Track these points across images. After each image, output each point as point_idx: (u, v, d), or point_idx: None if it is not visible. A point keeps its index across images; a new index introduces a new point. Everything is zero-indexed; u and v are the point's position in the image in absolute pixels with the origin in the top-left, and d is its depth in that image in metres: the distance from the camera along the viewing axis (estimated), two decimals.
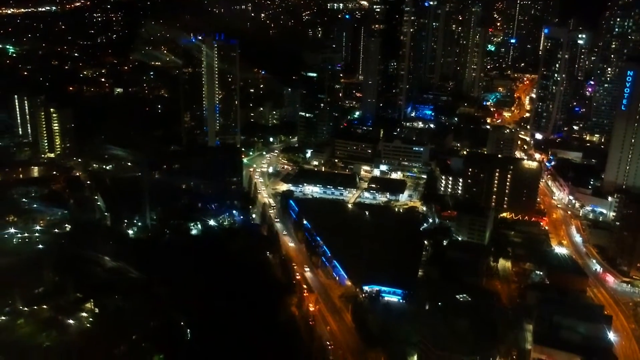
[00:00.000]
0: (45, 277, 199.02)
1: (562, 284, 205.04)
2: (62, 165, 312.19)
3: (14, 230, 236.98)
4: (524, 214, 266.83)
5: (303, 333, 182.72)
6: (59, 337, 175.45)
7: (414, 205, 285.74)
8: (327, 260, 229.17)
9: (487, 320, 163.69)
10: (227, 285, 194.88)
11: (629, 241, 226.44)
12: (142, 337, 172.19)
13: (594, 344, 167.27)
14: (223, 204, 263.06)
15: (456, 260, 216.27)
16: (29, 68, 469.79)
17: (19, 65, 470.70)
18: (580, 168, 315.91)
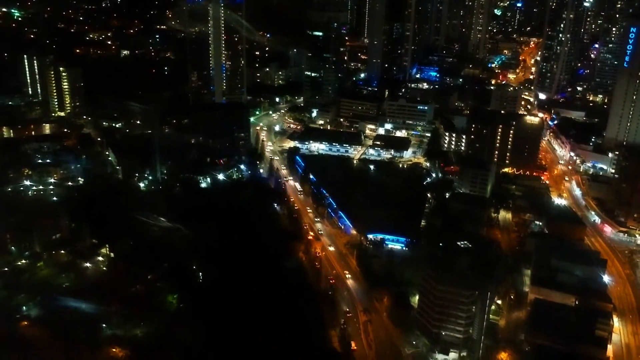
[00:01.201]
0: (61, 225, 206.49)
1: (561, 232, 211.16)
2: (72, 123, 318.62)
3: (29, 183, 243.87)
4: (526, 169, 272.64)
5: (310, 275, 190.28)
6: (77, 278, 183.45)
7: (418, 161, 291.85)
8: (333, 211, 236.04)
9: (486, 261, 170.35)
10: (237, 232, 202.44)
11: (626, 193, 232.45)
12: (156, 277, 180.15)
13: (588, 286, 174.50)
14: (231, 159, 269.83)
15: (458, 211, 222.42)
16: (35, 31, 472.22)
17: (25, 29, 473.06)
18: (582, 126, 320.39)
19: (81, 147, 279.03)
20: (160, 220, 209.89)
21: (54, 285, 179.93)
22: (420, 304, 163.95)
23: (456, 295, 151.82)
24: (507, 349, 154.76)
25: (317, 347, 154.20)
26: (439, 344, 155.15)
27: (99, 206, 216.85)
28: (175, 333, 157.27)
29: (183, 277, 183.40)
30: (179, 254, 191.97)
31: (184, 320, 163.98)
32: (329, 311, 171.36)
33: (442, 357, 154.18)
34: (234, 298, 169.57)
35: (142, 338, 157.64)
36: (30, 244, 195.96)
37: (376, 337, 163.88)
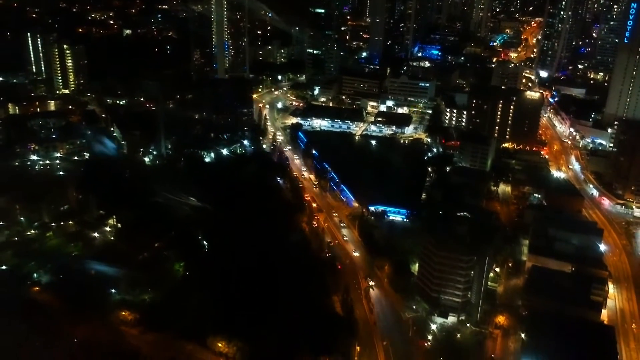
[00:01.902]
0: (69, 197, 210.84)
1: (559, 204, 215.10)
2: (77, 100, 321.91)
3: (36, 158, 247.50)
4: (526, 144, 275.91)
5: (313, 245, 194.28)
6: (85, 247, 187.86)
7: (419, 137, 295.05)
8: (335, 185, 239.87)
9: (484, 228, 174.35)
10: (241, 204, 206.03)
11: (624, 166, 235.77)
12: (163, 246, 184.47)
13: (585, 254, 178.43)
14: (235, 134, 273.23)
15: (458, 184, 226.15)
16: (37, 11, 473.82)
17: (26, 8, 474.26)
18: (582, 103, 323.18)
19: (86, 123, 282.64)
20: (166, 192, 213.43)
21: (63, 253, 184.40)
22: (420, 270, 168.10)
23: (455, 260, 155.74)
24: (505, 312, 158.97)
25: (320, 312, 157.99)
26: (438, 308, 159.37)
27: (105, 179, 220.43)
28: (182, 299, 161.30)
29: (189, 246, 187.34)
30: (184, 224, 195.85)
31: (191, 287, 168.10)
32: (331, 279, 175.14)
33: (441, 321, 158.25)
34: (239, 267, 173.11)
35: (150, 303, 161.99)
36: (39, 215, 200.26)
37: (377, 302, 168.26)
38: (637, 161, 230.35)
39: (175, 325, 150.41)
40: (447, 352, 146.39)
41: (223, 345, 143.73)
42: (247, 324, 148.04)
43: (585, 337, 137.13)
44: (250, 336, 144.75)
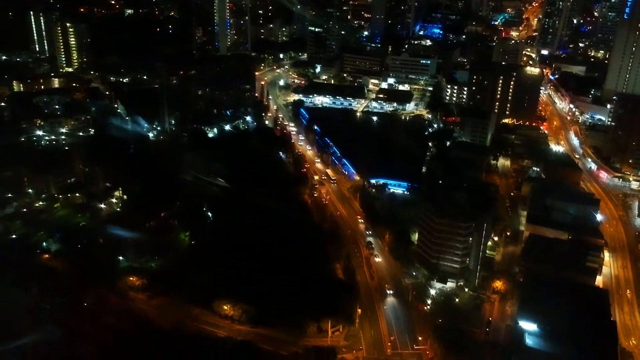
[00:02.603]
0: (75, 170, 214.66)
1: (557, 177, 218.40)
2: (81, 78, 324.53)
3: (42, 133, 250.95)
4: (525, 120, 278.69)
5: (315, 216, 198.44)
6: (92, 218, 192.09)
7: (420, 113, 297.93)
8: (337, 159, 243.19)
9: (482, 196, 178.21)
10: (244, 176, 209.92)
11: (622, 140, 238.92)
12: (169, 215, 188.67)
13: (582, 223, 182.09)
14: (237, 110, 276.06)
15: (458, 158, 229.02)
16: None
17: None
18: (582, 80, 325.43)
19: (90, 100, 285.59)
20: (170, 166, 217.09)
21: (71, 223, 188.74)
22: (419, 238, 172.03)
23: (454, 227, 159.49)
24: (502, 278, 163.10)
25: (322, 277, 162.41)
26: (437, 274, 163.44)
27: (111, 153, 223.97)
28: (188, 266, 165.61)
29: (194, 216, 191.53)
30: (189, 195, 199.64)
31: (197, 255, 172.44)
32: (333, 247, 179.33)
33: (440, 286, 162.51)
34: (243, 237, 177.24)
35: (157, 270, 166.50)
36: (47, 187, 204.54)
37: (378, 269, 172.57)
38: (634, 135, 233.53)
39: (181, 290, 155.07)
40: (446, 315, 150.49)
41: (229, 308, 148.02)
42: (252, 289, 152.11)
43: (580, 299, 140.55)
44: (255, 300, 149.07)
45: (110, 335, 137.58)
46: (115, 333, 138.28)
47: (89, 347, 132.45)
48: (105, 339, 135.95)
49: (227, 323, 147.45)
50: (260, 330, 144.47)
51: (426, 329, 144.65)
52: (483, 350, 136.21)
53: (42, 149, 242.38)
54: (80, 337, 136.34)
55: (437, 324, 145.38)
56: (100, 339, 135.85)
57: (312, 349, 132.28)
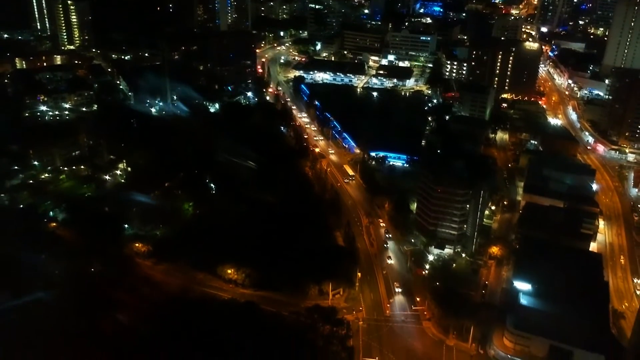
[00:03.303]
0: (80, 143, 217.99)
1: (555, 149, 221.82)
2: (82, 56, 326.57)
3: (45, 108, 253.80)
4: (524, 95, 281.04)
5: (316, 187, 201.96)
6: (97, 189, 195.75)
7: (420, 89, 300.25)
8: (337, 133, 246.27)
9: (480, 166, 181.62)
10: (245, 149, 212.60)
11: (619, 113, 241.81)
12: (173, 185, 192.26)
13: (578, 193, 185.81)
14: (238, 86, 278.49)
15: (457, 132, 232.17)
16: None
17: None
18: (581, 56, 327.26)
19: (93, 77, 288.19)
20: (173, 139, 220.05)
21: (77, 194, 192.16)
22: (418, 206, 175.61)
23: (451, 194, 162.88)
24: (499, 244, 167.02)
25: (323, 243, 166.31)
26: (435, 241, 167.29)
27: (115, 127, 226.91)
28: (192, 234, 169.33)
29: (197, 187, 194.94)
30: (192, 167, 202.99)
31: (200, 224, 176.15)
32: (333, 216, 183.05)
33: (438, 252, 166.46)
34: (246, 207, 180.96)
35: (162, 237, 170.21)
36: (52, 160, 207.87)
37: (377, 237, 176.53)
38: (631, 108, 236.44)
39: (186, 257, 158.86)
40: (443, 279, 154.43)
41: (232, 272, 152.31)
42: (255, 255, 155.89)
43: (574, 262, 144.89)
44: (258, 265, 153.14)
45: (117, 298, 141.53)
46: (122, 296, 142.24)
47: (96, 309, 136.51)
48: (112, 302, 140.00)
49: (231, 287, 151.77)
50: (263, 293, 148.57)
51: (424, 292, 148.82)
52: (479, 311, 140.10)
53: (46, 124, 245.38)
54: (88, 300, 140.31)
55: (434, 287, 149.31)
56: (108, 302, 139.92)
57: (313, 308, 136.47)
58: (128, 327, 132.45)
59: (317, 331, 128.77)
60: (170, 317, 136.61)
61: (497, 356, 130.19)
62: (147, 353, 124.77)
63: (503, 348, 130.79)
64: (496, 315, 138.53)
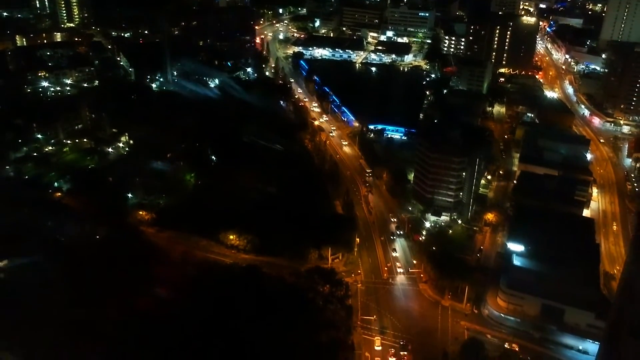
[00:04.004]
0: (82, 117, 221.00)
1: (551, 121, 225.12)
2: (82, 33, 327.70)
3: (47, 84, 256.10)
4: (522, 69, 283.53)
5: (315, 159, 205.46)
6: (100, 160, 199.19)
7: (419, 64, 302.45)
8: (336, 107, 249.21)
9: (475, 135, 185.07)
10: (245, 122, 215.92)
11: (614, 86, 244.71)
12: (175, 156, 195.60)
13: (572, 162, 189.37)
14: (238, 61, 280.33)
15: (455, 105, 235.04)
16: None
17: None
18: (579, 31, 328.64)
19: (93, 54, 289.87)
20: (174, 113, 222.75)
21: (81, 166, 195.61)
22: (415, 175, 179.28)
23: (447, 162, 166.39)
24: (494, 211, 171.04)
25: (323, 211, 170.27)
26: (432, 208, 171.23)
27: (116, 102, 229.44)
28: (194, 203, 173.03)
29: (199, 159, 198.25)
30: (193, 139, 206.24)
31: (202, 193, 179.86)
32: (333, 187, 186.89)
33: (435, 219, 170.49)
34: (247, 178, 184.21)
35: (165, 206, 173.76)
36: (55, 133, 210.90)
37: (375, 206, 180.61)
38: (626, 81, 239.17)
39: (189, 224, 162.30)
40: (439, 244, 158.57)
41: (234, 238, 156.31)
42: (256, 223, 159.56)
43: (566, 226, 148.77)
44: (259, 232, 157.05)
45: (121, 262, 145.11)
46: (127, 260, 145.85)
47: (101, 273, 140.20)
48: (117, 266, 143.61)
49: (233, 252, 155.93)
50: (264, 258, 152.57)
51: (421, 256, 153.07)
52: (473, 273, 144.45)
53: (49, 99, 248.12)
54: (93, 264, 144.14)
55: (431, 251, 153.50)
56: (112, 266, 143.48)
57: (313, 269, 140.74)
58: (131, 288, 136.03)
59: (317, 291, 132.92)
60: (173, 279, 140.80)
61: (491, 315, 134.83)
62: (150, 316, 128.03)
63: (497, 307, 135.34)
64: (490, 276, 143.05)
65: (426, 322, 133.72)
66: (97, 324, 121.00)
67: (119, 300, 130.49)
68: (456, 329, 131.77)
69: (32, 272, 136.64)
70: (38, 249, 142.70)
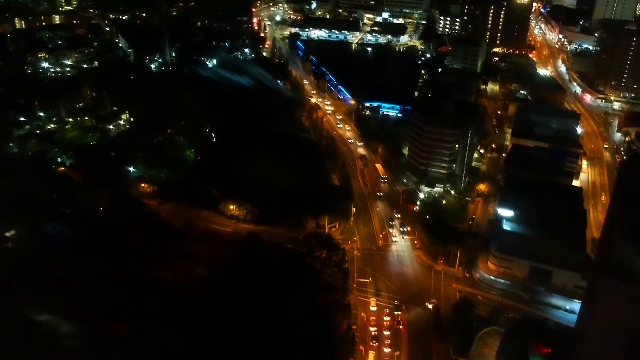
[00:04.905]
0: (83, 95, 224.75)
1: (543, 98, 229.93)
2: (80, 16, 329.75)
3: (47, 65, 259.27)
4: (515, 48, 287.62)
5: (312, 134, 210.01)
6: (102, 137, 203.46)
7: (414, 44, 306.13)
8: (333, 86, 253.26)
9: (468, 109, 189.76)
10: (243, 100, 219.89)
11: (605, 63, 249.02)
12: (175, 131, 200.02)
13: (563, 136, 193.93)
14: (235, 42, 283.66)
15: (449, 83, 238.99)
16: None
17: None
18: (572, 12, 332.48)
19: (92, 36, 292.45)
20: (173, 91, 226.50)
21: (83, 142, 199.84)
22: (410, 148, 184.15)
23: (441, 133, 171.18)
24: (486, 182, 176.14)
25: (320, 183, 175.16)
26: (425, 180, 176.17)
27: (116, 81, 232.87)
28: (195, 177, 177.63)
29: (199, 135, 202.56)
30: (193, 115, 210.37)
31: (202, 168, 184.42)
32: (329, 161, 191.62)
33: (428, 190, 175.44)
34: (246, 153, 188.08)
35: (166, 180, 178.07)
36: (57, 111, 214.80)
37: (371, 178, 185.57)
38: (617, 58, 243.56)
39: (190, 197, 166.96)
40: (433, 213, 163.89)
41: (234, 209, 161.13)
42: (256, 195, 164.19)
43: (555, 193, 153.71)
44: (259, 202, 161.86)
45: (124, 231, 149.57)
46: (130, 229, 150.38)
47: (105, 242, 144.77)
48: (119, 235, 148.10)
49: (233, 222, 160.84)
50: (263, 227, 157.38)
51: (415, 225, 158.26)
52: (465, 239, 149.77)
53: (49, 79, 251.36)
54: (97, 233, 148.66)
55: (424, 220, 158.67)
56: (115, 235, 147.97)
57: (310, 234, 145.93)
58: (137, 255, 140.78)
59: (314, 256, 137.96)
60: (176, 247, 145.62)
61: (482, 278, 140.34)
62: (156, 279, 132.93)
63: (487, 271, 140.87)
64: (481, 242, 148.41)
65: (419, 285, 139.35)
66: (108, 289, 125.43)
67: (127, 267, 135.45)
68: (448, 291, 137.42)
69: (38, 242, 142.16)
70: (43, 220, 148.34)
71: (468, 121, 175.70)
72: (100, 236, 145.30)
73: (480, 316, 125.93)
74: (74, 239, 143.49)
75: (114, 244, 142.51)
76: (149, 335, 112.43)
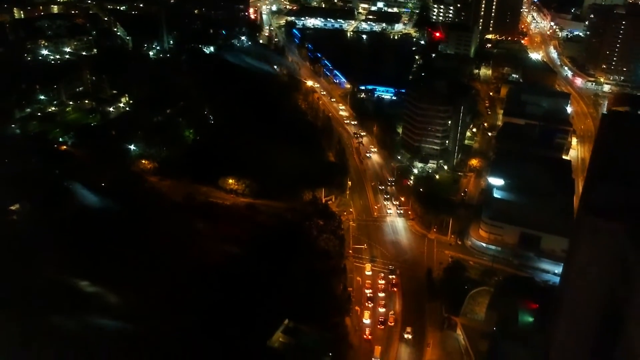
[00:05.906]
0: (83, 80, 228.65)
1: (534, 81, 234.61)
2: (79, 6, 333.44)
3: (47, 52, 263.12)
4: (507, 35, 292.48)
5: (308, 115, 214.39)
6: (102, 119, 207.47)
7: (408, 32, 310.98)
8: (329, 71, 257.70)
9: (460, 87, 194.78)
10: (240, 84, 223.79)
11: (596, 47, 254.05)
12: (174, 112, 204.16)
13: (553, 115, 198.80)
14: (232, 30, 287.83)
15: (442, 68, 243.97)
16: None
17: None
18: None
19: (91, 24, 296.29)
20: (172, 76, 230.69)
21: (83, 124, 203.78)
22: (404, 126, 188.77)
23: (434, 111, 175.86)
24: (478, 158, 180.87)
25: (317, 160, 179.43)
26: (419, 155, 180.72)
27: (115, 67, 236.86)
28: (194, 155, 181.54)
29: (197, 117, 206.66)
30: (192, 98, 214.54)
31: (201, 148, 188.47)
32: (326, 140, 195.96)
33: (422, 165, 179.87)
34: (243, 133, 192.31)
35: (166, 158, 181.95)
36: (58, 95, 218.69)
37: (366, 156, 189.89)
38: (607, 42, 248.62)
39: (189, 174, 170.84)
40: (427, 188, 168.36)
41: (233, 183, 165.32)
42: (254, 170, 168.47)
43: (545, 165, 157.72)
44: (257, 177, 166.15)
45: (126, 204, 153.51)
46: (132, 203, 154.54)
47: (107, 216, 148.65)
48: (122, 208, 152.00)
49: (232, 196, 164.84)
50: (261, 201, 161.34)
51: (409, 197, 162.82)
52: (458, 209, 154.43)
53: (49, 64, 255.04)
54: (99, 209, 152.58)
55: (418, 192, 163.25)
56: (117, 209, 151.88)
57: (308, 202, 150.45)
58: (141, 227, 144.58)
59: (311, 223, 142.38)
60: (177, 219, 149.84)
61: (474, 245, 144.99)
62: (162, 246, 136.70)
63: (479, 238, 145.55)
64: (473, 212, 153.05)
65: (413, 252, 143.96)
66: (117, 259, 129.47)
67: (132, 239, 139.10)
68: (441, 257, 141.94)
69: (42, 215, 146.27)
70: (47, 194, 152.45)
71: (460, 98, 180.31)
72: (103, 207, 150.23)
73: (471, 278, 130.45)
74: (78, 211, 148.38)
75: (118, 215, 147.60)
76: (157, 291, 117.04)
